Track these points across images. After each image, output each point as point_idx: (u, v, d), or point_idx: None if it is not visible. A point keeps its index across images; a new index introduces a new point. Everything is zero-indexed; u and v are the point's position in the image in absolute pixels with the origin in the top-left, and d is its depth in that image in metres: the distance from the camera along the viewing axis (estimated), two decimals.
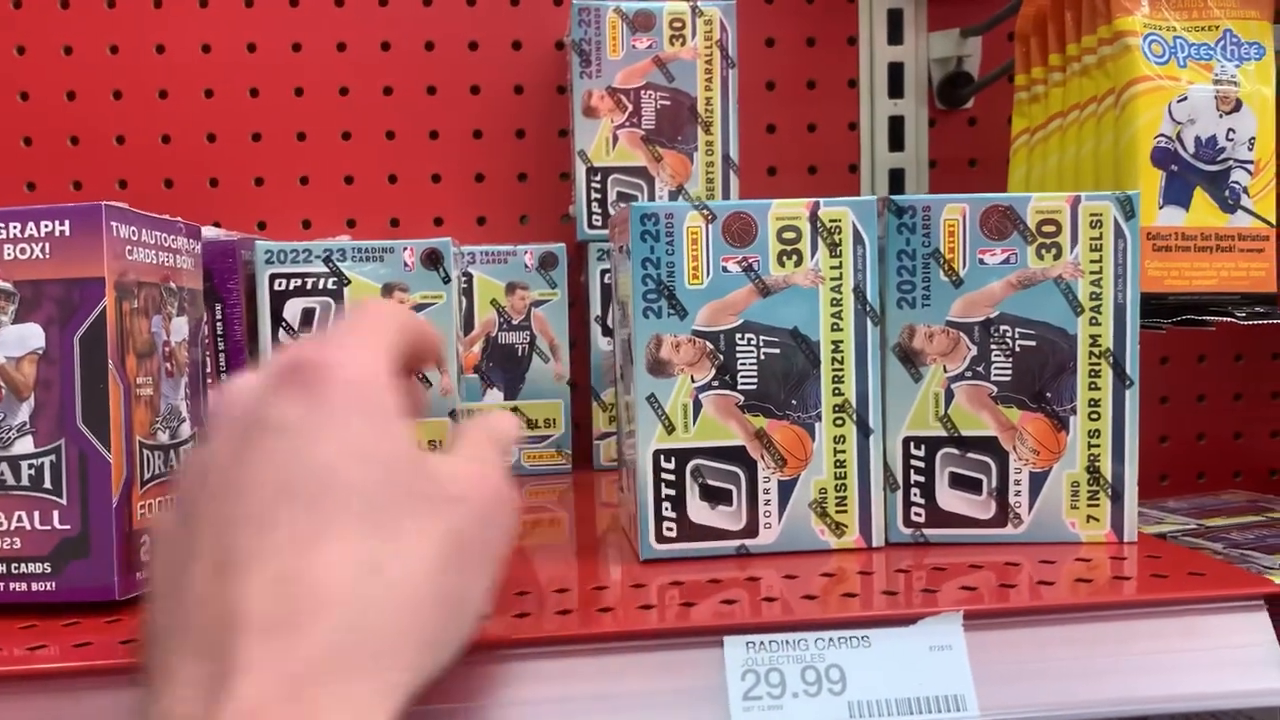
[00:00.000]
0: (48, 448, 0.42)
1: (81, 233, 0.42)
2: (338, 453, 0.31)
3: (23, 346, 0.42)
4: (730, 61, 0.75)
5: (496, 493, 0.36)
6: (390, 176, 0.84)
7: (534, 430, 0.75)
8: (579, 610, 0.42)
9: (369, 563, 0.30)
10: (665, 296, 0.47)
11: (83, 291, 0.42)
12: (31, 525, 0.43)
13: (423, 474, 0.33)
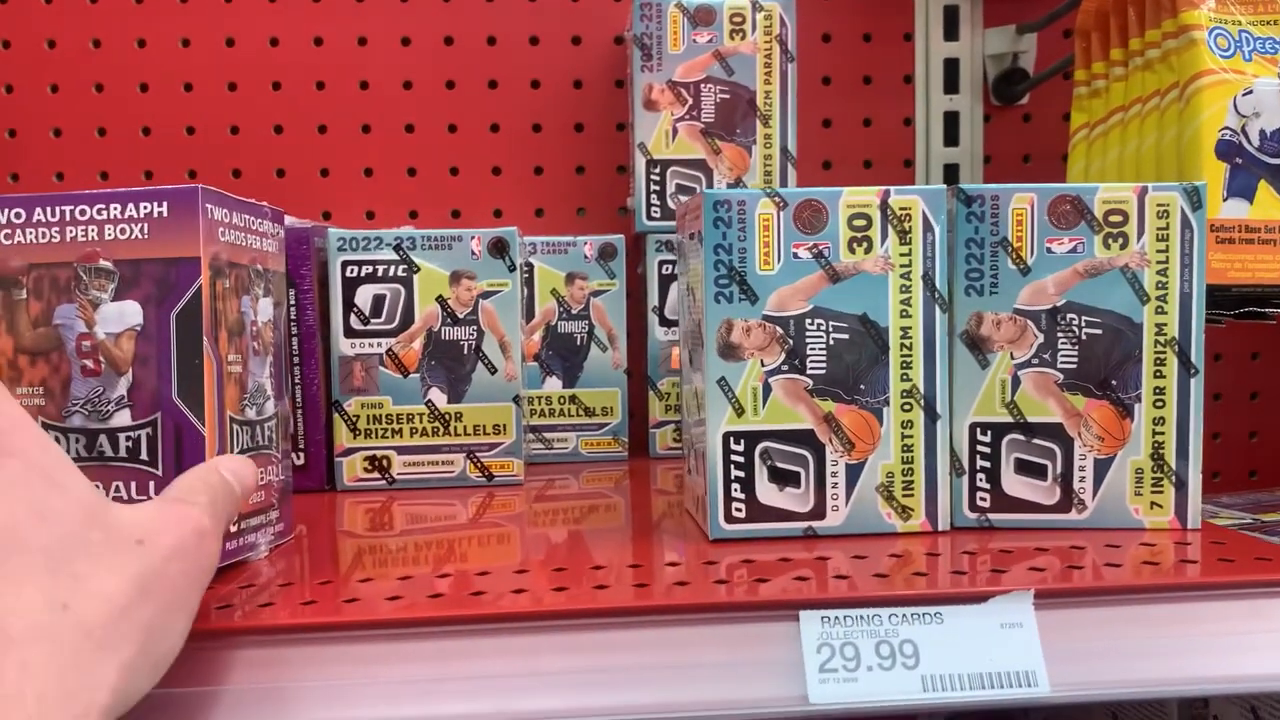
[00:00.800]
0: (145, 421, 0.44)
1: (179, 214, 0.44)
2: (18, 515, 0.34)
3: (122, 323, 0.44)
4: (789, 56, 0.76)
5: (182, 534, 0.37)
6: (452, 169, 0.86)
7: (591, 418, 0.76)
8: (654, 584, 0.43)
9: (56, 602, 0.33)
10: (736, 282, 0.48)
11: (179, 271, 0.44)
12: (129, 495, 0.44)
13: (101, 525, 0.35)
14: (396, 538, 0.53)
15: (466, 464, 0.67)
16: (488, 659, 0.40)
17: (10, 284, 0.44)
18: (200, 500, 0.39)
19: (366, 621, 0.40)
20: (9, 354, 0.44)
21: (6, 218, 0.44)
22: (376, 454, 0.67)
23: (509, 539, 0.53)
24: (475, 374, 0.67)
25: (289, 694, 0.38)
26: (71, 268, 0.44)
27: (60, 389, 0.44)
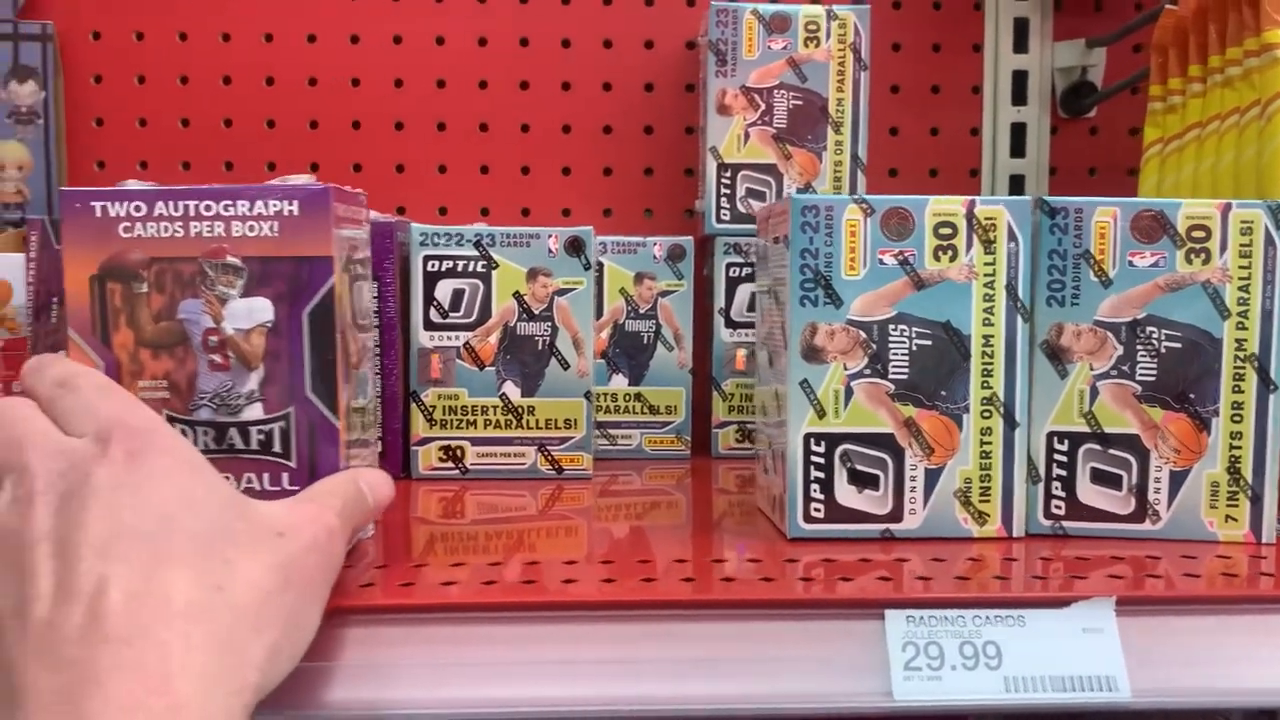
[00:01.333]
0: (277, 415, 0.45)
1: (310, 214, 0.45)
2: (170, 504, 0.36)
3: (251, 319, 0.45)
4: (863, 64, 0.77)
5: (315, 530, 0.39)
6: (523, 168, 0.87)
7: (655, 416, 0.77)
8: (739, 580, 0.44)
9: (212, 583, 0.35)
10: (822, 286, 0.49)
11: (312, 270, 0.45)
12: (261, 486, 0.45)
13: (244, 517, 0.38)
14: (481, 525, 0.55)
15: (537, 457, 0.68)
16: (581, 645, 0.41)
17: (130, 277, 0.45)
18: (333, 503, 0.41)
19: (466, 604, 0.41)
20: (130, 347, 0.45)
21: (126, 211, 0.45)
22: (451, 444, 0.68)
23: (585, 531, 0.54)
24: (549, 369, 0.68)
25: (392, 671, 0.40)
26: (196, 263, 0.45)
27: (186, 383, 0.45)
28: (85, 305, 0.45)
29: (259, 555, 0.37)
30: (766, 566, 0.46)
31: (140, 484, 0.36)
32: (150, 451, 0.37)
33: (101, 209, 0.45)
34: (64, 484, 0.36)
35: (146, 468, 0.36)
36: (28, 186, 0.83)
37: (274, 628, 0.36)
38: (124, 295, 0.45)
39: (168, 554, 0.35)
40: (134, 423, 0.37)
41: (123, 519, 0.35)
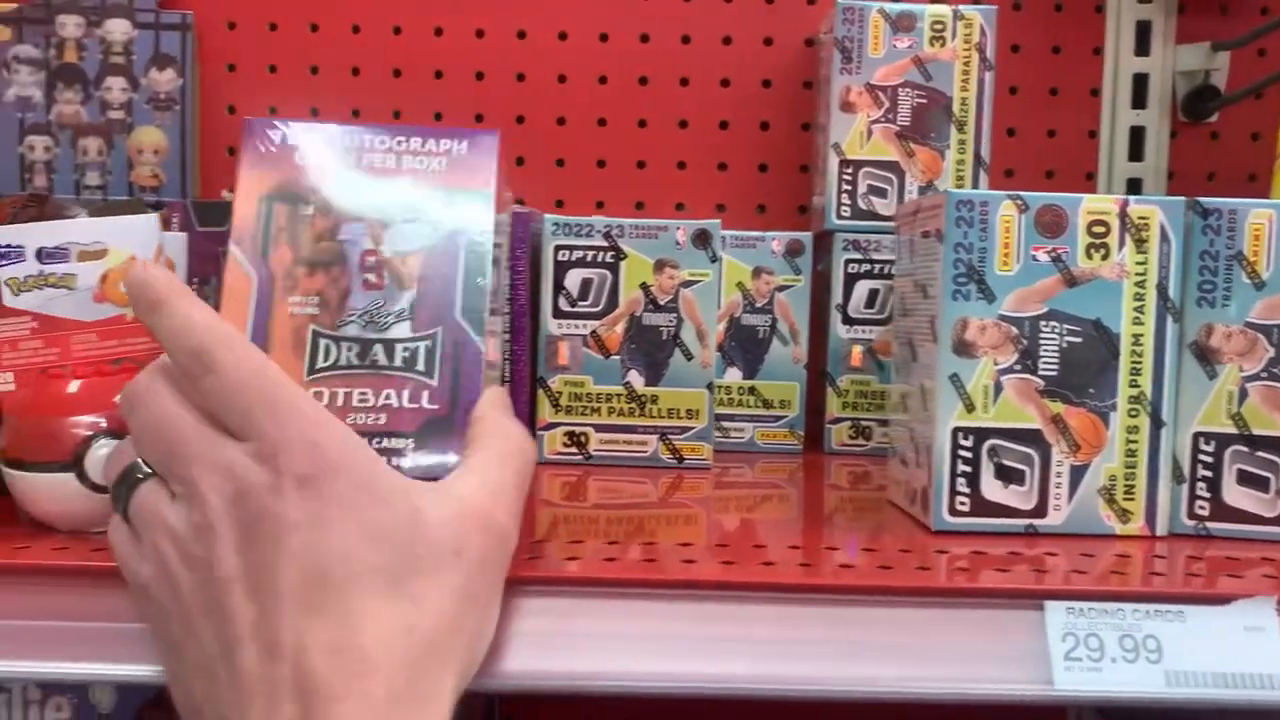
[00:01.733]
0: (424, 334, 0.45)
1: (477, 154, 0.48)
2: (351, 539, 0.36)
3: (411, 243, 0.46)
4: (988, 64, 0.77)
5: (488, 541, 0.39)
6: (639, 162, 0.89)
7: (769, 410, 0.78)
8: (897, 568, 0.45)
9: (403, 626, 0.36)
10: (975, 281, 0.50)
11: (474, 202, 0.47)
12: (400, 403, 0.45)
13: (423, 539, 0.37)
14: (605, 509, 0.56)
15: (659, 445, 0.70)
16: (752, 625, 0.42)
17: (298, 199, 0.47)
18: (505, 501, 0.41)
19: (644, 580, 0.42)
20: (286, 263, 0.46)
21: (306, 139, 0.47)
22: (576, 430, 0.70)
23: (716, 519, 0.55)
24: (672, 359, 0.69)
25: (571, 642, 0.41)
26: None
27: (338, 300, 0.46)
28: (250, 222, 0.46)
29: (442, 582, 0.37)
30: (915, 557, 0.47)
31: (320, 519, 0.36)
32: (323, 477, 0.36)
33: (282, 136, 0.47)
34: (241, 516, 0.36)
35: (323, 498, 0.36)
36: (163, 170, 0.86)
37: (462, 653, 0.38)
38: (289, 215, 0.46)
39: (359, 602, 0.36)
40: (295, 436, 0.36)
41: (311, 562, 0.36)
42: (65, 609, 0.43)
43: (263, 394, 0.37)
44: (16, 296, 0.47)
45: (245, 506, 0.36)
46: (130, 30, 0.85)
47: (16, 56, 0.85)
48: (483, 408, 0.44)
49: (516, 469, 0.42)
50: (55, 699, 0.65)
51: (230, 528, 0.36)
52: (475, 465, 0.41)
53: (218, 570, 0.36)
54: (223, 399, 0.37)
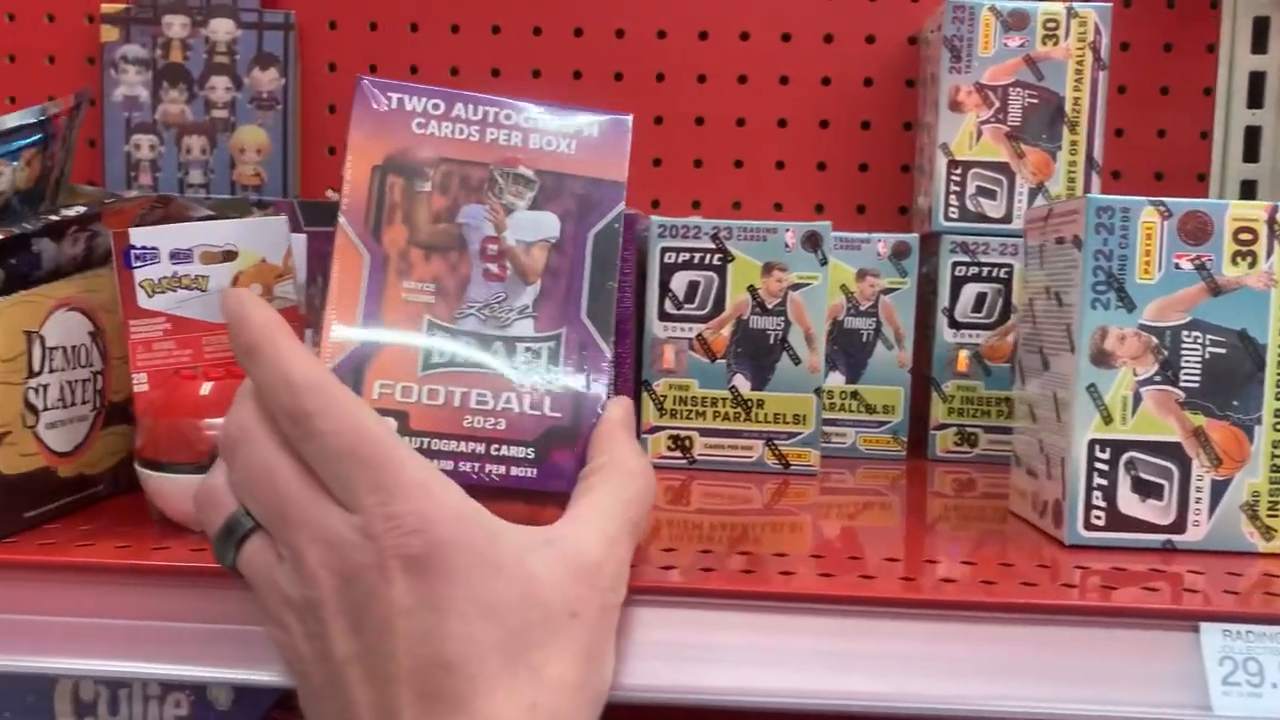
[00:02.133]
0: (548, 334, 0.42)
1: (609, 138, 0.44)
2: (467, 619, 0.35)
3: (536, 233, 0.43)
4: (1102, 63, 0.75)
5: (604, 599, 0.38)
6: (736, 162, 0.88)
7: (872, 415, 0.77)
8: (1041, 585, 0.43)
9: (528, 706, 0.35)
10: (1115, 289, 0.48)
11: (604, 191, 0.44)
12: (520, 409, 0.42)
13: (538, 602, 0.36)
14: (709, 515, 0.55)
15: (765, 450, 0.69)
16: (885, 640, 0.41)
17: (414, 174, 0.43)
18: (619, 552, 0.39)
19: (770, 594, 0.41)
20: (400, 244, 0.42)
21: (423, 106, 0.43)
22: (680, 434, 0.69)
23: (843, 525, 0.54)
24: (779, 364, 0.68)
25: (701, 655, 0.41)
26: (487, 169, 0.43)
27: (456, 289, 0.42)
28: (362, 195, 0.43)
29: (562, 648, 0.36)
30: (1055, 572, 0.45)
31: (433, 601, 0.35)
32: (434, 555, 0.35)
33: (398, 100, 0.43)
34: (351, 598, 0.35)
35: (434, 578, 0.35)
36: (265, 170, 0.86)
37: (588, 713, 0.37)
38: (404, 191, 0.43)
39: (480, 683, 0.35)
40: (401, 510, 0.35)
41: (426, 647, 0.35)
42: (200, 610, 0.43)
43: (364, 463, 0.35)
44: (151, 298, 0.48)
45: (354, 589, 0.35)
46: (234, 30, 0.86)
47: (124, 56, 0.86)
48: (607, 425, 0.42)
49: (634, 517, 0.40)
50: (174, 695, 0.66)
51: (341, 610, 0.36)
52: (591, 513, 0.39)
53: (334, 650, 0.36)
54: (323, 465, 0.36)
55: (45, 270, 0.51)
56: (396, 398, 0.41)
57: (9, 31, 0.90)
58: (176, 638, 0.43)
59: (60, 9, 0.89)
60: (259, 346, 0.37)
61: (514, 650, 0.36)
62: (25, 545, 0.45)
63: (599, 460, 0.41)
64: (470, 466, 0.41)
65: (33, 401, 0.47)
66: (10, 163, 0.50)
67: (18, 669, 0.44)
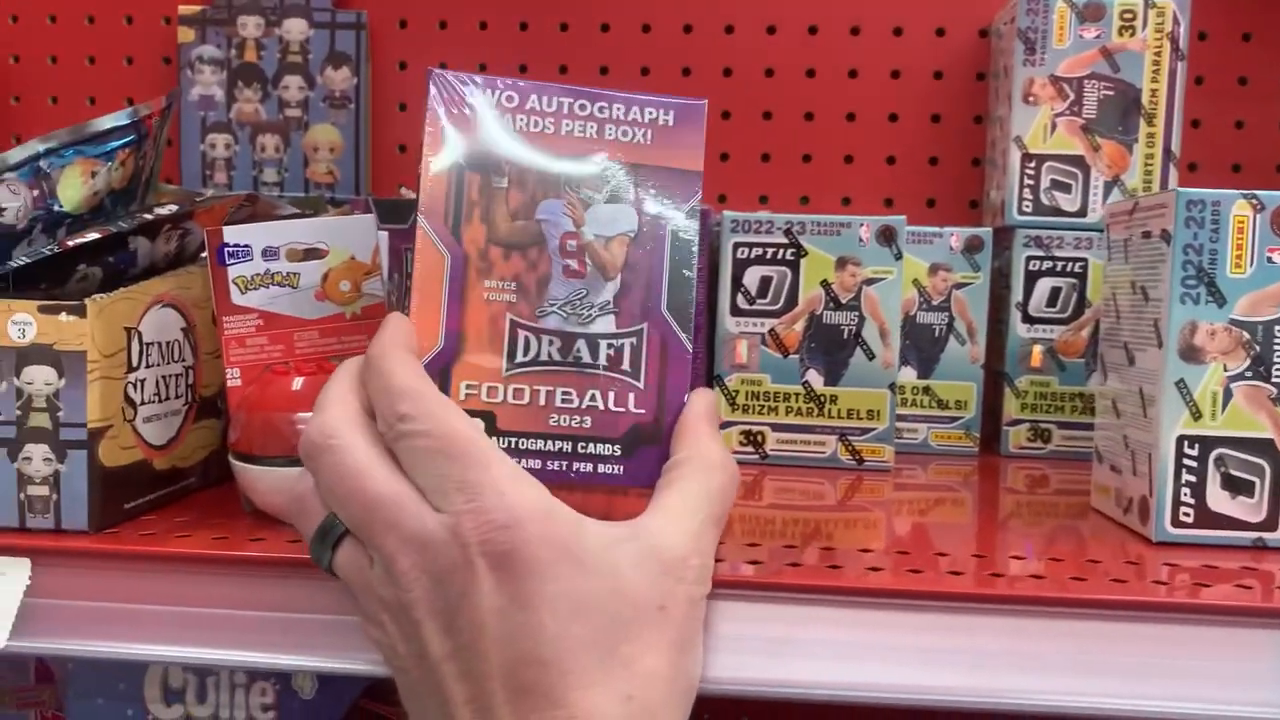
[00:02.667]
0: (630, 330, 0.42)
1: (684, 125, 0.43)
2: (558, 616, 0.35)
3: (614, 227, 0.42)
4: (1180, 54, 0.74)
5: (692, 590, 0.38)
6: (805, 156, 0.87)
7: (944, 410, 0.76)
8: (1131, 581, 0.43)
9: (621, 696, 0.36)
10: (1205, 283, 0.48)
11: (681, 182, 0.43)
12: (605, 406, 0.42)
13: (628, 599, 0.37)
14: (782, 510, 0.55)
15: (838, 446, 0.69)
16: (975, 636, 0.41)
17: (491, 169, 0.42)
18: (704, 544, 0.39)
19: (859, 589, 0.41)
20: (480, 243, 0.42)
21: (498, 100, 0.43)
22: (752, 429, 0.69)
23: (918, 523, 0.54)
24: (853, 359, 0.68)
25: (796, 649, 0.41)
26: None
27: (536, 287, 0.42)
28: (441, 194, 0.42)
29: (652, 641, 0.37)
30: (1146, 569, 0.45)
31: (523, 599, 0.35)
32: (522, 553, 0.35)
33: (471, 93, 0.43)
34: (443, 598, 0.36)
35: (522, 576, 0.35)
36: (338, 168, 0.88)
37: (681, 706, 0.38)
38: (482, 187, 0.42)
39: (573, 678, 0.35)
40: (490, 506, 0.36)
41: (518, 645, 0.35)
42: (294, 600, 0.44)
43: (452, 461, 0.36)
44: (244, 294, 0.49)
45: (445, 589, 0.36)
46: (307, 30, 0.87)
47: (200, 57, 0.88)
48: (690, 418, 0.42)
49: (717, 510, 0.40)
50: (260, 684, 0.67)
51: (433, 610, 0.36)
52: (675, 506, 0.39)
53: (429, 649, 0.37)
54: (415, 466, 0.37)
55: (140, 268, 0.52)
56: (482, 398, 0.42)
57: (88, 34, 0.92)
58: (272, 627, 0.44)
59: (138, 11, 0.91)
60: (374, 358, 0.39)
61: (606, 645, 0.36)
62: (126, 536, 0.46)
63: (682, 454, 0.41)
64: (557, 465, 0.42)
65: (132, 396, 0.48)
66: (106, 163, 0.52)
67: (117, 655, 0.45)
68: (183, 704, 0.67)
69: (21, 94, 0.93)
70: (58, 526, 0.46)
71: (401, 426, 0.37)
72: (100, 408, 0.46)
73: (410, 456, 0.37)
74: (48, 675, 0.73)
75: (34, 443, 0.45)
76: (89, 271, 0.50)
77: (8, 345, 0.45)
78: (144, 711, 0.67)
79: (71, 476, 0.45)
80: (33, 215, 0.49)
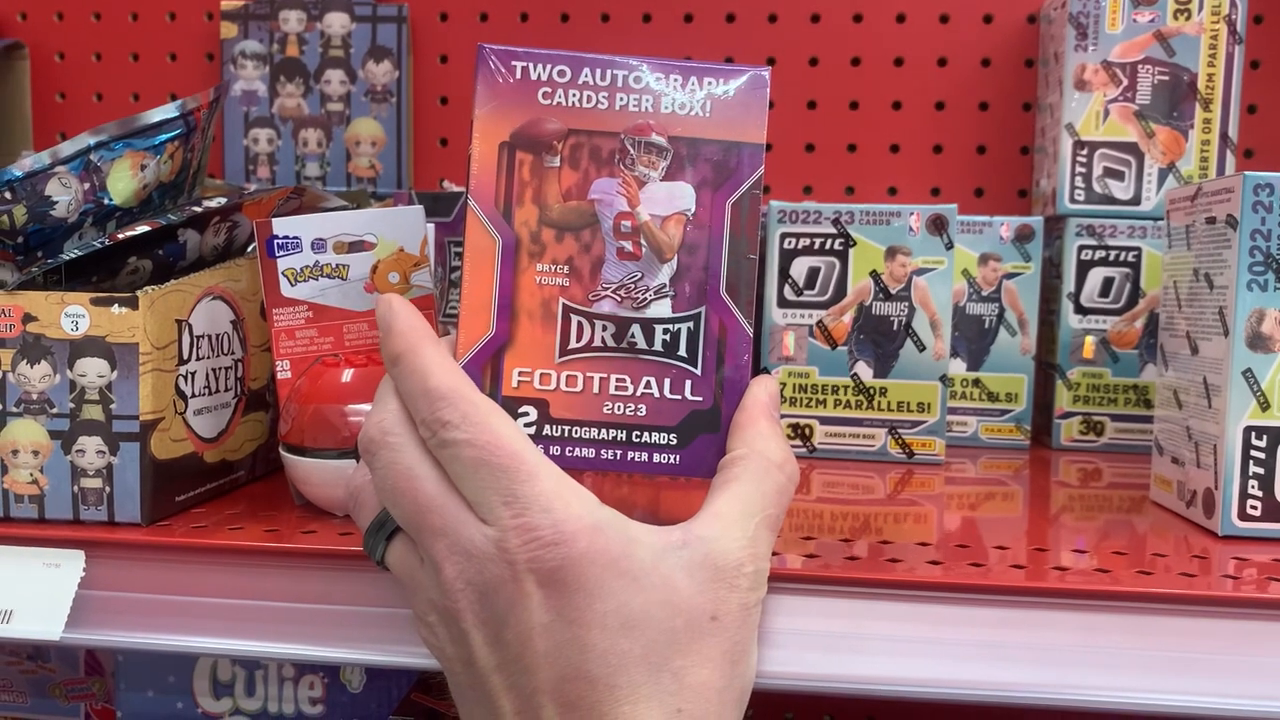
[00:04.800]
0: (686, 314, 0.40)
1: (744, 96, 0.41)
2: (607, 632, 0.35)
3: (670, 206, 0.40)
4: (1238, 38, 0.72)
5: (745, 598, 0.37)
6: (850, 145, 0.86)
7: (994, 404, 0.75)
8: (1201, 576, 0.42)
9: (673, 712, 0.35)
10: (1273, 270, 0.46)
11: (741, 156, 0.41)
12: (660, 393, 0.40)
13: (680, 610, 0.35)
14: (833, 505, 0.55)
15: (888, 439, 0.68)
16: (1040, 631, 0.40)
17: (542, 148, 0.40)
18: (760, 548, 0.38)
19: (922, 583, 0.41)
20: (532, 225, 0.40)
21: (549, 74, 0.41)
22: (800, 422, 0.68)
23: (973, 518, 0.53)
24: (903, 350, 0.67)
25: (857, 644, 0.40)
26: (618, 139, 0.41)
27: (589, 270, 0.41)
28: (491, 175, 0.41)
29: (703, 653, 0.36)
30: (1214, 563, 0.44)
31: (571, 616, 0.35)
32: (570, 568, 0.35)
33: (522, 70, 0.41)
34: (489, 610, 0.36)
35: (570, 592, 0.35)
36: (379, 161, 0.88)
37: (732, 713, 0.37)
38: (533, 167, 0.40)
39: (625, 694, 0.35)
40: (536, 522, 0.35)
41: (566, 661, 0.35)
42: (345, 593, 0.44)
43: (497, 473, 0.35)
44: (294, 286, 0.49)
45: (492, 602, 0.35)
46: (349, 24, 0.87)
47: (243, 52, 0.88)
48: (750, 410, 0.40)
49: (774, 512, 0.39)
50: (308, 677, 0.67)
51: (480, 621, 0.36)
52: (730, 509, 0.38)
53: (476, 659, 0.36)
54: (458, 475, 0.36)
55: (189, 260, 0.52)
56: (535, 385, 0.41)
57: (132, 30, 0.92)
58: (322, 619, 0.44)
59: (181, 7, 0.91)
60: (401, 355, 0.37)
61: (656, 659, 0.35)
62: (178, 528, 0.46)
63: (740, 450, 0.39)
64: (612, 454, 0.41)
65: (183, 388, 0.48)
66: (154, 156, 0.52)
67: (169, 647, 0.45)
68: (231, 697, 0.68)
69: (67, 91, 0.93)
70: (111, 519, 0.46)
71: (444, 435, 0.36)
72: (152, 400, 0.46)
73: (455, 466, 0.36)
74: (97, 668, 0.73)
75: (87, 435, 0.45)
76: (139, 264, 0.50)
77: (61, 338, 0.45)
78: (194, 704, 0.67)
79: (124, 469, 0.45)
80: (84, 208, 0.49)
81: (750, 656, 0.38)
